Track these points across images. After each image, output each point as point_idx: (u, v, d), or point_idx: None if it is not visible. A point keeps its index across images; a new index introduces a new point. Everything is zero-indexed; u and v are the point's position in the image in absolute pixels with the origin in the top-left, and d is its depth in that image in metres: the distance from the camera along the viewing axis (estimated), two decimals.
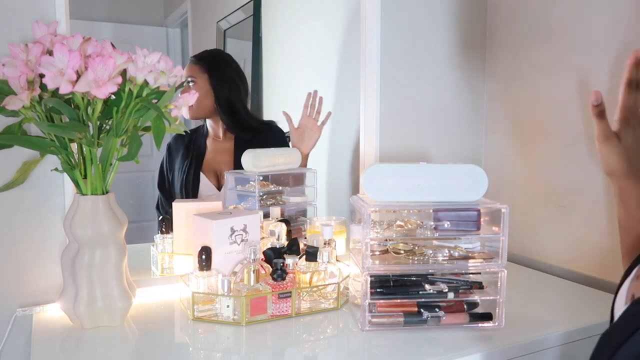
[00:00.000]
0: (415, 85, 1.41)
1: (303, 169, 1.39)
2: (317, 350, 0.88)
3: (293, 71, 1.77)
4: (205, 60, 1.52)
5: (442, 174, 0.92)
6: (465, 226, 0.92)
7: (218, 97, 1.49)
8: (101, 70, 0.83)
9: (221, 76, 1.51)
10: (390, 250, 0.97)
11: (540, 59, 1.32)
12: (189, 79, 1.49)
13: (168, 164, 1.55)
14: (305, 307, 1.01)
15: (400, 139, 1.41)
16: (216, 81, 1.50)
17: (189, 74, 1.50)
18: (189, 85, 1.48)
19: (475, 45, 1.48)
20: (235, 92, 1.51)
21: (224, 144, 1.53)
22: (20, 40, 0.98)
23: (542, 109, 1.33)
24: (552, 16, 1.28)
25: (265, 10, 1.75)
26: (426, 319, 0.92)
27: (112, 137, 0.90)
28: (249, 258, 0.98)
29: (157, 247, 1.20)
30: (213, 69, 1.51)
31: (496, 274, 0.93)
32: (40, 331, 0.94)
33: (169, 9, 1.74)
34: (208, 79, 1.49)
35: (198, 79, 1.49)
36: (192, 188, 1.48)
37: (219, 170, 1.51)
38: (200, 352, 0.87)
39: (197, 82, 1.49)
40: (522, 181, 1.40)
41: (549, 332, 0.92)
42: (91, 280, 0.91)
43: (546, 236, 1.33)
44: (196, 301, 0.97)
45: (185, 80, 1.49)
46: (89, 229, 0.91)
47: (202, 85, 1.48)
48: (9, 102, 0.83)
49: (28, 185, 1.01)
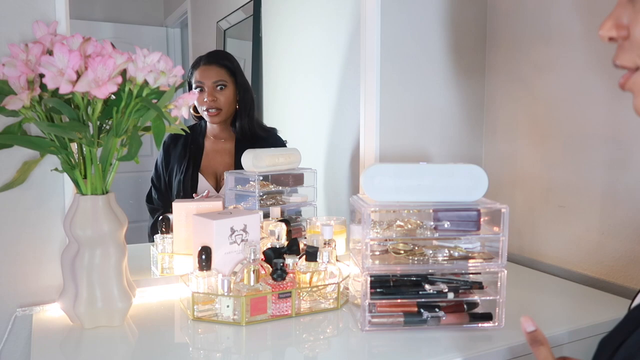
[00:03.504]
0: (415, 85, 1.41)
1: (303, 169, 1.38)
2: (317, 350, 0.88)
3: (293, 71, 1.77)
4: (231, 62, 1.48)
5: (442, 174, 0.92)
6: (465, 226, 0.92)
7: (242, 102, 1.46)
8: (101, 70, 0.83)
9: (242, 79, 1.49)
10: (390, 250, 0.97)
11: (540, 59, 1.32)
12: (219, 83, 1.45)
13: (164, 163, 1.53)
14: (305, 307, 1.01)
15: (400, 139, 1.41)
16: (240, 85, 1.47)
17: (219, 78, 1.45)
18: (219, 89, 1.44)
19: (475, 45, 1.48)
20: (251, 95, 1.50)
21: (225, 145, 1.52)
22: (20, 40, 0.98)
23: (542, 109, 1.33)
24: (552, 16, 1.28)
25: (265, 10, 1.75)
26: (426, 319, 0.92)
27: (112, 137, 0.90)
28: (249, 258, 0.98)
29: (157, 247, 1.20)
30: (237, 72, 1.48)
31: (496, 274, 0.93)
32: (40, 331, 0.94)
33: (169, 9, 1.74)
34: (234, 82, 1.46)
35: (228, 82, 1.45)
36: (190, 189, 1.47)
37: (218, 171, 1.50)
38: (200, 352, 0.87)
39: (228, 86, 1.45)
40: (522, 181, 1.40)
41: (549, 332, 0.92)
42: (91, 280, 0.91)
43: (546, 236, 1.33)
44: (196, 301, 0.97)
45: (217, 83, 1.43)
46: (89, 229, 0.91)
47: (232, 90, 1.45)
48: (9, 102, 0.83)
49: (28, 185, 1.01)
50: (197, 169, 1.49)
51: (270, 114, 1.73)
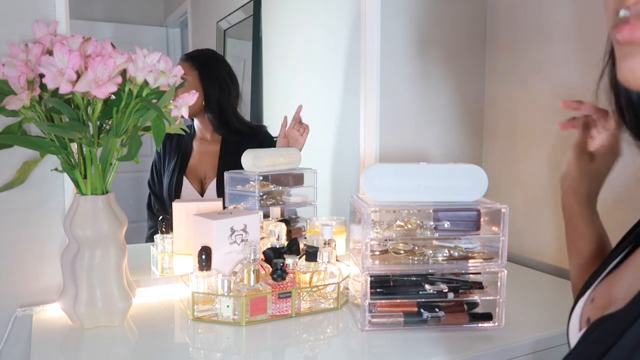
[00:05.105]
0: (415, 85, 1.41)
1: (303, 169, 1.38)
2: (317, 350, 0.88)
3: (293, 71, 1.77)
4: (195, 59, 1.50)
5: (442, 174, 0.92)
6: (465, 226, 0.92)
7: (207, 96, 1.47)
8: (101, 70, 0.83)
9: (211, 75, 1.49)
10: (390, 250, 0.97)
11: (540, 59, 1.32)
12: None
13: (158, 164, 1.53)
14: (305, 307, 1.01)
15: (400, 139, 1.41)
16: (206, 80, 1.48)
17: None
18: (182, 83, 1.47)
19: (475, 45, 1.48)
20: (225, 92, 1.49)
21: (210, 147, 1.51)
22: (20, 40, 0.98)
23: (542, 109, 1.33)
24: (551, 16, 1.28)
25: (265, 10, 1.75)
26: (426, 319, 0.92)
27: (112, 137, 0.90)
28: (249, 258, 0.98)
29: (157, 247, 1.20)
30: (203, 68, 1.49)
31: (496, 274, 0.93)
32: (40, 331, 0.94)
33: (169, 9, 1.74)
34: (198, 76, 1.47)
35: (187, 76, 1.47)
36: (174, 192, 1.47)
37: (202, 174, 1.49)
38: (200, 352, 0.87)
39: (187, 80, 1.49)
40: (522, 181, 1.40)
41: (548, 332, 0.92)
42: (91, 280, 0.91)
43: (546, 236, 1.33)
44: (196, 301, 0.97)
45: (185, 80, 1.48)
46: (89, 229, 0.91)
47: (191, 83, 1.46)
48: (9, 102, 0.83)
49: (28, 185, 1.01)
50: (183, 172, 1.49)
51: (270, 114, 1.73)
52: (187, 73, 1.47)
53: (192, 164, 1.51)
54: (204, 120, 1.50)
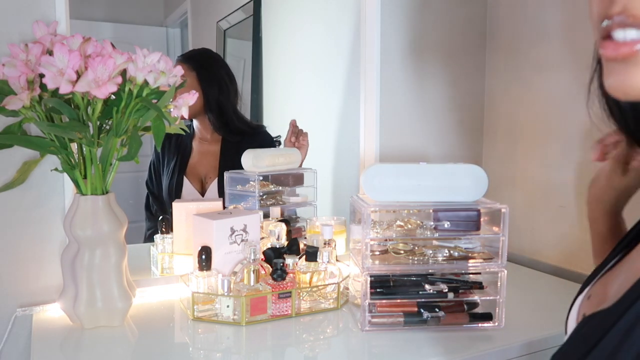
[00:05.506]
0: (415, 85, 1.41)
1: (303, 169, 1.38)
2: (317, 350, 0.88)
3: (293, 71, 1.77)
4: (192, 59, 1.49)
5: (442, 174, 0.92)
6: (465, 226, 0.92)
7: (206, 97, 1.47)
8: (101, 70, 0.83)
9: (210, 76, 1.49)
10: (390, 250, 0.97)
11: (540, 59, 1.32)
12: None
13: (156, 165, 1.53)
14: (305, 307, 1.01)
15: (400, 139, 1.41)
16: (204, 80, 1.48)
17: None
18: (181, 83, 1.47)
19: (475, 45, 1.48)
20: (224, 92, 1.49)
21: (210, 147, 1.51)
22: (20, 40, 0.98)
23: (542, 109, 1.33)
24: (551, 16, 1.28)
25: (265, 10, 1.75)
26: (426, 319, 0.92)
27: (112, 137, 0.90)
28: (249, 258, 0.98)
29: (157, 247, 1.20)
30: (201, 68, 1.49)
31: (496, 274, 0.93)
32: (40, 331, 0.94)
33: (169, 9, 1.74)
34: (196, 77, 1.47)
35: (185, 77, 1.47)
36: (175, 193, 1.46)
37: (203, 174, 1.49)
38: (200, 352, 0.87)
39: (187, 82, 1.48)
40: (522, 181, 1.40)
41: (549, 332, 0.92)
42: (91, 280, 0.91)
43: (546, 236, 1.33)
44: (196, 301, 0.97)
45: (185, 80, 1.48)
46: (88, 229, 0.91)
47: (189, 84, 1.45)
48: (9, 102, 0.83)
49: (28, 185, 1.01)
50: (183, 173, 1.48)
51: (270, 114, 1.73)
52: (184, 74, 1.47)
53: (192, 164, 1.50)
54: (204, 120, 1.50)
